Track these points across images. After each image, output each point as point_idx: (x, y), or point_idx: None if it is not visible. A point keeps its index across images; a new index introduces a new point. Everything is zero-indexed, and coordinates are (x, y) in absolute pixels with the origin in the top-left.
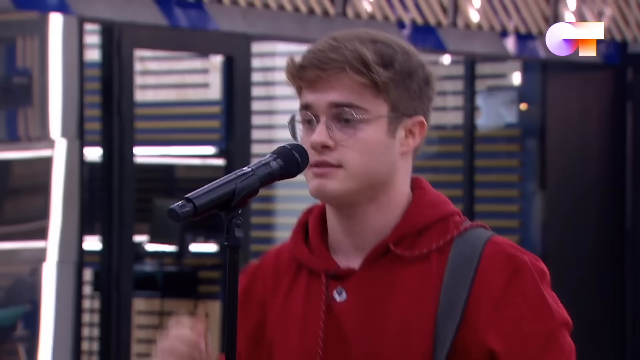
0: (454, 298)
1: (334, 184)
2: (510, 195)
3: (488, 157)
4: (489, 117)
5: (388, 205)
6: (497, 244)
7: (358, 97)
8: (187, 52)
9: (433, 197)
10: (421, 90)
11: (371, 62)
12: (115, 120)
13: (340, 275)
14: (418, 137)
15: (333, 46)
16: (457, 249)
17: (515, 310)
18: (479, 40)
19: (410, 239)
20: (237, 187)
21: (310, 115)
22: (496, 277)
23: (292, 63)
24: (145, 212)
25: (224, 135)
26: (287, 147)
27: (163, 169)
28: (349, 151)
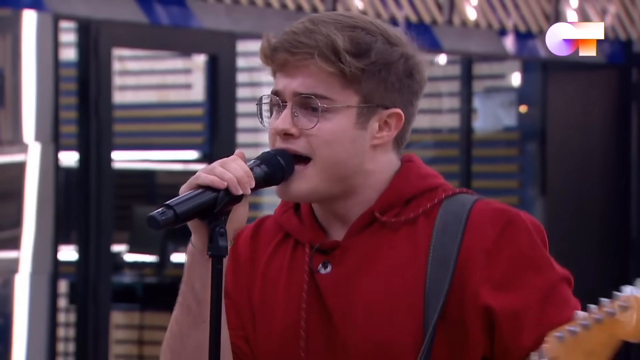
0: (444, 255)
1: (299, 185)
2: (509, 201)
3: (486, 162)
4: (486, 119)
5: (366, 192)
6: (488, 202)
7: (325, 85)
8: (168, 51)
9: (422, 169)
10: (401, 82)
11: (342, 50)
12: (92, 123)
13: (325, 249)
14: (394, 130)
15: (307, 29)
16: (445, 209)
17: (510, 262)
18: (476, 39)
19: (397, 208)
20: (219, 193)
21: (277, 100)
22: (487, 229)
23: (267, 43)
24: (124, 220)
25: (207, 139)
26: (271, 153)
27: (143, 175)
28: (314, 140)
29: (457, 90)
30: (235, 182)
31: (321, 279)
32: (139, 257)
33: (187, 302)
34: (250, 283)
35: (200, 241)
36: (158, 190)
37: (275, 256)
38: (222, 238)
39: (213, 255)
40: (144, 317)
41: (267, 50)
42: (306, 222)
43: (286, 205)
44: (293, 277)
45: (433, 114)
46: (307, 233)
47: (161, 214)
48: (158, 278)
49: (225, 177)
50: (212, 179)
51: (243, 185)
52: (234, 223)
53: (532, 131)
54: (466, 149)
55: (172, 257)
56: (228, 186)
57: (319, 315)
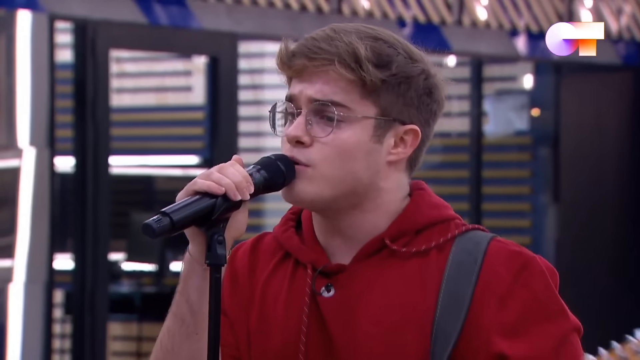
0: (457, 296)
1: (305, 187)
2: (520, 209)
3: (497, 167)
4: (497, 123)
5: (376, 213)
6: (503, 242)
7: (343, 94)
8: (167, 53)
9: (434, 199)
10: (420, 99)
11: (363, 58)
12: (89, 127)
13: (329, 272)
14: (410, 147)
15: (329, 36)
16: (458, 247)
17: (524, 308)
18: (486, 40)
19: (407, 237)
20: (217, 200)
21: (292, 107)
22: (502, 273)
23: (285, 48)
24: (121, 228)
25: (207, 144)
26: (271, 158)
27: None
28: (325, 150)
29: (466, 93)
30: (234, 187)
31: (324, 303)
32: (137, 265)
33: (181, 313)
34: (248, 301)
35: (197, 250)
36: (157, 196)
37: (275, 275)
38: (220, 246)
39: (211, 264)
40: (142, 328)
41: (285, 56)
42: (308, 242)
43: (286, 224)
44: (293, 298)
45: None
46: (308, 253)
47: (157, 222)
48: (157, 287)
49: (222, 182)
50: (209, 185)
51: (241, 191)
52: (233, 231)
53: (545, 135)
54: (476, 153)
55: (172, 266)
56: (226, 192)
57: (319, 339)
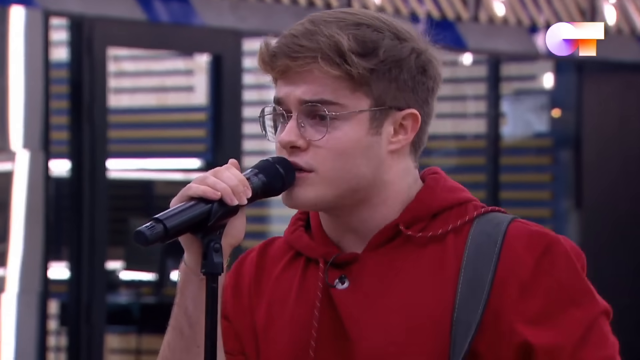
0: (476, 281)
1: (305, 192)
2: (540, 215)
3: (515, 171)
4: (515, 125)
5: (384, 204)
6: (524, 223)
7: (332, 91)
8: (168, 51)
9: (449, 182)
10: (415, 80)
11: (347, 51)
12: (85, 129)
13: (342, 263)
14: (411, 132)
15: (308, 30)
16: (477, 229)
17: (548, 294)
18: (504, 37)
19: (423, 222)
20: (213, 205)
21: (281, 111)
22: (524, 256)
23: (265, 49)
24: (120, 235)
25: (210, 146)
26: (269, 161)
27: (140, 185)
28: (322, 152)
29: (483, 93)
30: (230, 191)
31: (338, 295)
32: (136, 274)
33: (180, 325)
34: (254, 305)
35: (193, 258)
36: (156, 202)
37: (284, 275)
38: (216, 254)
39: (207, 272)
40: (142, 340)
41: (266, 56)
42: (317, 237)
43: (295, 224)
44: (303, 295)
45: (457, 119)
46: (319, 248)
47: (149, 229)
48: (157, 298)
49: (218, 187)
50: (204, 190)
51: (238, 195)
52: (230, 238)
53: (566, 137)
54: (493, 157)
55: (172, 275)
56: (222, 196)
57: (331, 334)
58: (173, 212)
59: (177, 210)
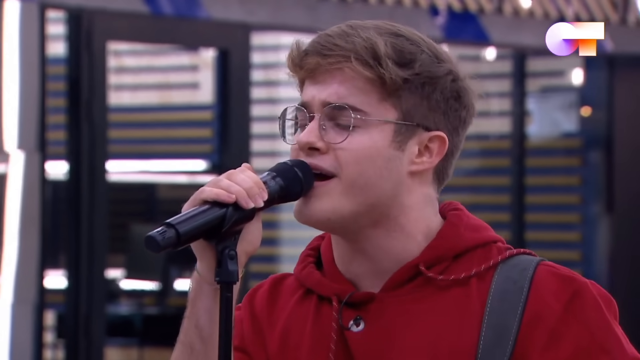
0: (501, 329)
1: (322, 203)
2: (569, 220)
3: (541, 173)
4: (542, 124)
5: (402, 231)
6: (551, 267)
7: (360, 95)
8: (171, 46)
9: (472, 220)
10: (447, 103)
11: (383, 54)
12: (84, 129)
13: (357, 302)
14: (436, 156)
15: (344, 32)
16: (502, 275)
17: (577, 343)
18: (530, 30)
19: (445, 263)
20: (227, 210)
21: (305, 115)
22: (552, 302)
23: (296, 48)
24: (120, 241)
25: (216, 147)
26: (287, 164)
27: (142, 189)
28: (344, 155)
29: (508, 90)
30: (245, 194)
31: (352, 338)
32: (137, 284)
33: (190, 340)
34: (267, 341)
35: (206, 266)
36: (160, 206)
37: (296, 314)
38: (232, 262)
39: (222, 281)
40: (144, 353)
41: (297, 56)
42: (329, 273)
43: (304, 260)
44: (318, 336)
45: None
46: (331, 285)
47: (161, 234)
48: (159, 308)
49: (232, 189)
50: (217, 192)
51: (254, 197)
52: (246, 244)
53: (596, 137)
54: (518, 158)
55: (176, 284)
56: (237, 199)
57: None
58: (185, 217)
59: (190, 214)
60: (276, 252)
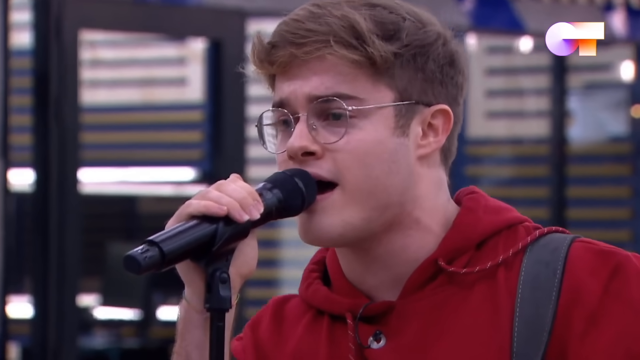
0: (536, 319)
1: (329, 218)
2: (618, 238)
3: (585, 183)
4: (586, 126)
5: (418, 227)
6: (587, 242)
7: (349, 82)
8: (155, 35)
9: (491, 201)
10: (442, 71)
11: (366, 31)
12: (52, 131)
13: (373, 315)
14: (442, 134)
15: (313, 14)
16: (531, 258)
17: (621, 324)
18: (572, 17)
19: (467, 254)
20: (218, 226)
21: (286, 114)
22: (590, 282)
23: (258, 43)
24: (95, 263)
25: (207, 153)
26: (286, 174)
27: (121, 202)
28: (343, 157)
29: (546, 87)
30: (237, 206)
31: (374, 356)
32: (114, 312)
33: None
34: None
35: (195, 292)
36: (141, 222)
37: (307, 340)
38: (223, 286)
39: (212, 308)
40: None
41: (262, 51)
42: (338, 287)
43: (309, 277)
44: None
45: (512, 119)
46: (343, 300)
47: (142, 253)
48: (140, 340)
49: (223, 200)
50: (206, 205)
51: (248, 209)
52: (240, 266)
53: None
54: (558, 166)
55: (160, 313)
56: (229, 212)
57: None
58: (170, 234)
59: (175, 231)
60: (276, 275)
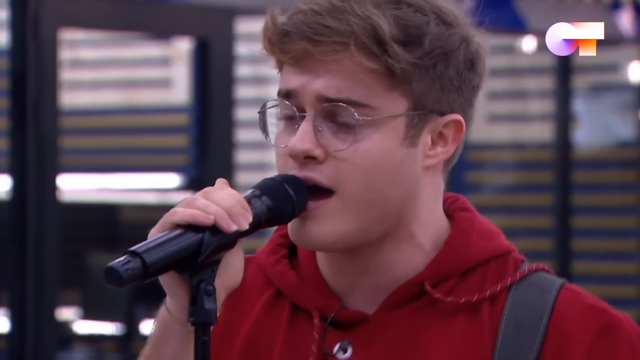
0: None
1: (323, 226)
2: (624, 248)
3: (591, 190)
4: (593, 130)
5: (411, 241)
6: (577, 293)
7: (364, 89)
8: (139, 34)
9: (485, 224)
10: (461, 77)
11: (388, 38)
12: (30, 136)
13: (344, 322)
14: (452, 144)
15: (335, 7)
16: (517, 297)
17: None
18: (577, 16)
19: (452, 280)
20: (204, 236)
21: (292, 108)
22: (578, 334)
23: (272, 24)
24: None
25: (194, 159)
26: (275, 180)
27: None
28: (347, 167)
29: (550, 89)
30: (225, 215)
31: None
32: (95, 326)
33: None
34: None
35: (178, 304)
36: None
37: (265, 320)
38: (209, 299)
39: (197, 322)
40: None
41: (274, 35)
42: (309, 279)
43: (276, 251)
44: (290, 358)
45: (515, 122)
46: (313, 297)
47: (124, 265)
48: (122, 356)
49: (210, 209)
50: (192, 213)
51: (236, 218)
52: (226, 277)
53: None
54: (563, 172)
55: (143, 327)
56: (216, 221)
57: None
58: (153, 244)
59: (159, 241)
60: None
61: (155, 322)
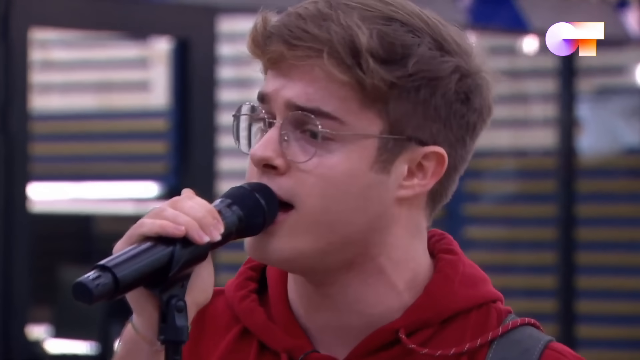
0: None
1: (278, 242)
2: (633, 262)
3: (597, 200)
4: (598, 136)
5: (380, 277)
6: (561, 354)
7: (336, 100)
8: (114, 34)
9: (469, 268)
10: (450, 109)
11: (364, 49)
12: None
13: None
14: (431, 178)
15: (321, 14)
16: (497, 355)
17: None
18: (580, 15)
19: (430, 329)
20: (175, 249)
21: (263, 113)
22: None
23: (261, 25)
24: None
25: (173, 166)
26: (245, 188)
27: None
28: (309, 180)
29: (552, 92)
30: (196, 225)
31: None
32: (68, 345)
33: None
34: None
35: (146, 321)
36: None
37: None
38: (180, 315)
39: (167, 340)
40: None
41: (260, 35)
42: (279, 317)
43: (245, 286)
44: None
45: (516, 128)
46: (282, 337)
47: (94, 280)
48: None
49: (180, 219)
50: (161, 224)
51: (207, 229)
52: (197, 292)
53: None
54: (566, 180)
55: None
56: (187, 233)
57: None
58: (123, 258)
59: (129, 254)
60: None
61: (120, 341)
